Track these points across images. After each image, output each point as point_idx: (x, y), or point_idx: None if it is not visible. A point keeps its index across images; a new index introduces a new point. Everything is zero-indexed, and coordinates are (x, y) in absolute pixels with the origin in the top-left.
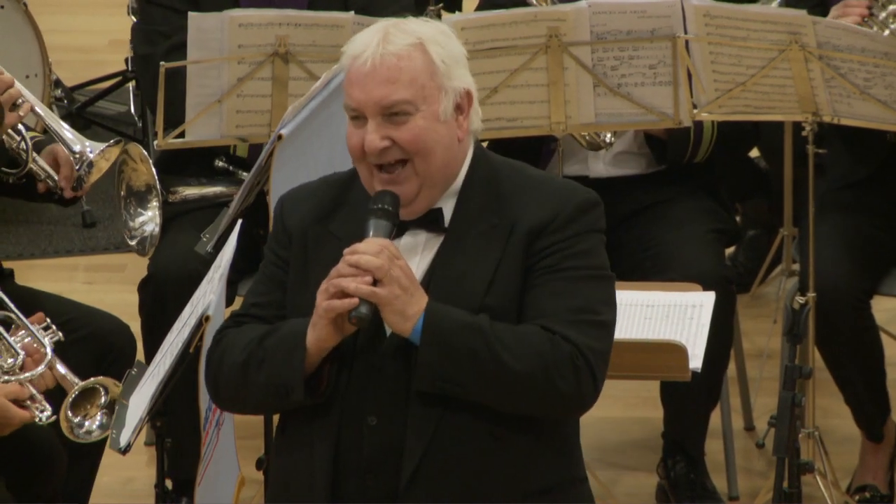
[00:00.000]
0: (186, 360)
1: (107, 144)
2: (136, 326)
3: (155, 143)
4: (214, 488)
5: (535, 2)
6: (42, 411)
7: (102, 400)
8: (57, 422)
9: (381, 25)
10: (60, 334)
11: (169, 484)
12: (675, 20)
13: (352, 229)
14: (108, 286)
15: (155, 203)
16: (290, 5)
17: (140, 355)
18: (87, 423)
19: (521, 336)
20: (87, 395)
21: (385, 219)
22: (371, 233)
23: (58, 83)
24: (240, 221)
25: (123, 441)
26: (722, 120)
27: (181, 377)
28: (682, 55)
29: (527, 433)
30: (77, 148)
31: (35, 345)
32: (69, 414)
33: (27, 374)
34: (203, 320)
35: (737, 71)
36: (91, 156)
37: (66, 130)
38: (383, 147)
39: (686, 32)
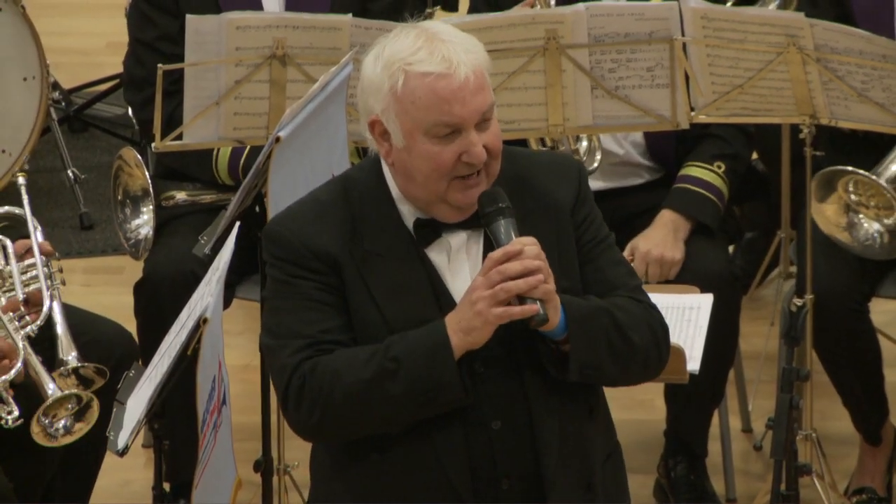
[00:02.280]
0: (184, 362)
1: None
2: (133, 328)
3: (153, 145)
4: (212, 490)
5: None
6: (9, 413)
7: (70, 406)
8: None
9: (432, 38)
10: (33, 326)
11: (166, 486)
12: (673, 23)
13: (389, 243)
14: (106, 288)
15: (150, 207)
16: (313, 9)
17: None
18: (54, 425)
19: (627, 311)
20: (59, 400)
21: (512, 216)
22: (504, 237)
23: (55, 86)
24: (237, 224)
25: (121, 443)
26: (720, 122)
27: (179, 379)
28: (680, 58)
29: (602, 403)
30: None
31: (8, 340)
32: (42, 419)
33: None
34: (201, 322)
35: (734, 73)
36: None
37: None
38: (485, 155)
39: (683, 35)
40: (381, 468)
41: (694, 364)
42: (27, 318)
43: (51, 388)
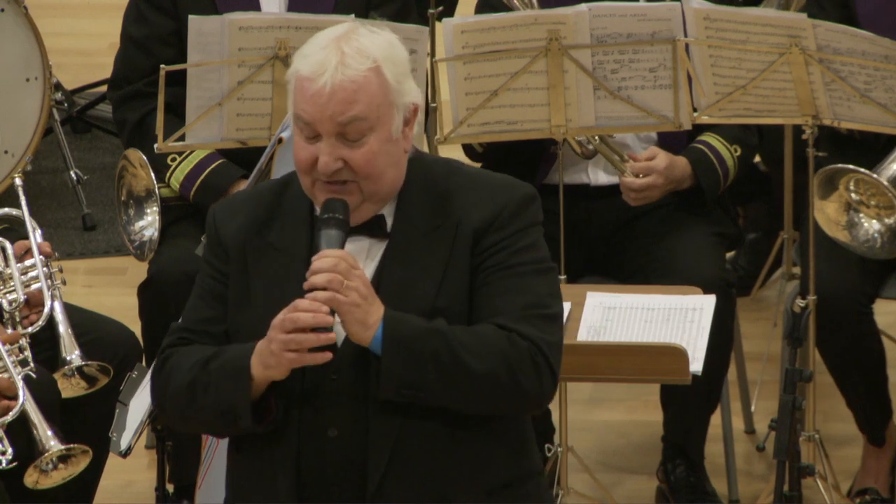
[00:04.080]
0: None
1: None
2: (136, 329)
3: (155, 146)
4: (215, 491)
5: (518, 5)
6: (3, 453)
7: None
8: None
9: (335, 42)
10: (32, 365)
11: (170, 487)
12: (676, 23)
13: (291, 239)
14: (108, 289)
15: (154, 208)
16: (316, 9)
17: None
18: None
19: (479, 337)
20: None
21: (337, 228)
22: (324, 244)
23: (58, 86)
24: None
25: (124, 444)
26: (720, 123)
27: None
28: (683, 58)
29: (484, 432)
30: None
31: (6, 375)
32: (36, 468)
33: None
34: None
35: (737, 74)
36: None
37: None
38: (336, 168)
39: (686, 35)
40: (235, 466)
41: (697, 365)
42: (28, 354)
43: (52, 444)
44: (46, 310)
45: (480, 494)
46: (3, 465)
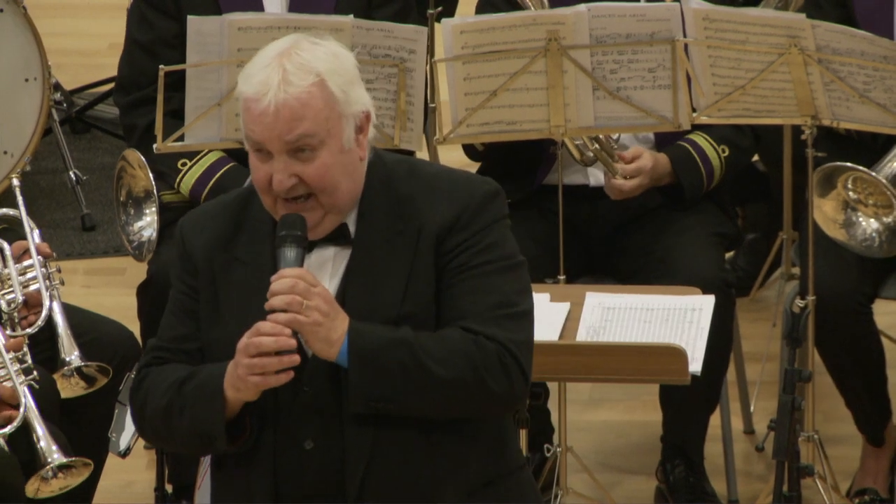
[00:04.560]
0: None
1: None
2: (135, 329)
3: (155, 146)
4: None
5: (530, 4)
6: None
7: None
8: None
9: (276, 59)
10: (35, 374)
11: (169, 487)
12: (675, 24)
13: (257, 252)
14: (107, 289)
15: (153, 209)
16: (317, 10)
17: None
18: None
19: (445, 342)
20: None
21: (296, 245)
22: (282, 263)
23: (57, 87)
24: None
25: (123, 445)
26: (719, 123)
27: None
28: (682, 59)
29: (460, 434)
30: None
31: (9, 384)
32: (37, 483)
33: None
34: None
35: (736, 74)
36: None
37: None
38: (291, 185)
39: (685, 36)
40: (216, 481)
41: (696, 365)
42: (29, 361)
43: (55, 457)
44: (45, 310)
45: (461, 495)
46: None
